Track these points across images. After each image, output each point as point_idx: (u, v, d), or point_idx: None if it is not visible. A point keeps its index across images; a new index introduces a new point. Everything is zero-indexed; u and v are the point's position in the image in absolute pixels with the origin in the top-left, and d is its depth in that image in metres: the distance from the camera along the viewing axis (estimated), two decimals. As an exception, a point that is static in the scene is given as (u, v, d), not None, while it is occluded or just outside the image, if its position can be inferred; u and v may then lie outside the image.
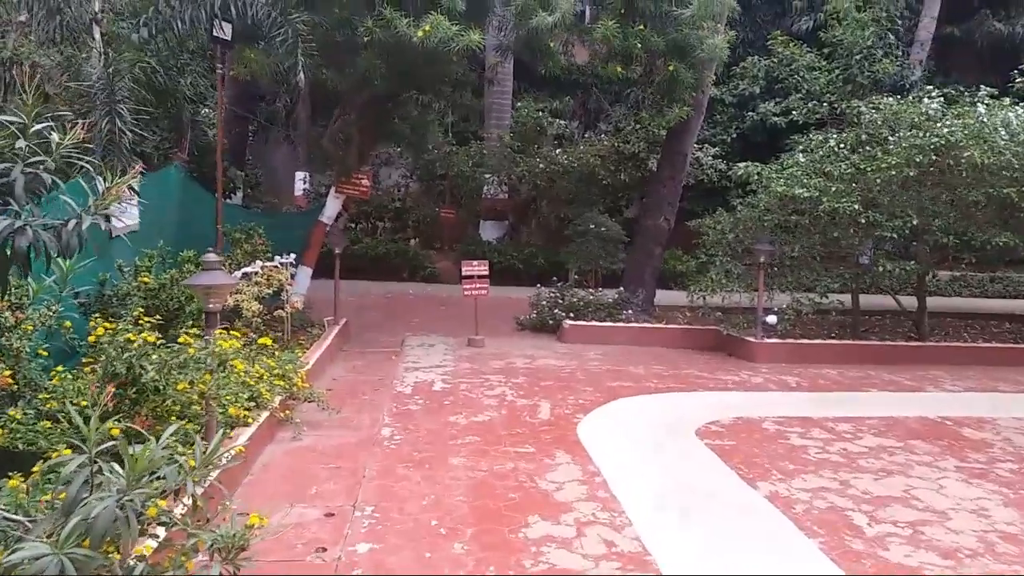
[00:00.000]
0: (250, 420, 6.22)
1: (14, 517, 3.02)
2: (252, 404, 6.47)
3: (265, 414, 6.58)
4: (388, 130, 12.10)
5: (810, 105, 14.03)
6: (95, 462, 2.87)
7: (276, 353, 8.51)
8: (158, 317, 6.25)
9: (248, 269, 8.63)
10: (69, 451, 3.51)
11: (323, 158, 13.74)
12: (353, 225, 18.77)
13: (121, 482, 2.83)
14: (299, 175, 19.20)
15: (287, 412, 6.92)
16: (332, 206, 12.71)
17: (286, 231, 13.11)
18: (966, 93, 11.01)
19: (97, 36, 7.81)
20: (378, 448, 6.67)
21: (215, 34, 9.83)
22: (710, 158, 17.19)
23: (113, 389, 3.83)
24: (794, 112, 14.19)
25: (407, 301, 15.17)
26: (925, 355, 11.59)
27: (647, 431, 7.40)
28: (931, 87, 12.13)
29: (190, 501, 3.38)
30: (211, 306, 5.18)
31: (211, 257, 5.22)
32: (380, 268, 17.10)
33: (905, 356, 11.48)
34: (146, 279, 6.64)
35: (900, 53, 16.02)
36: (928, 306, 12.61)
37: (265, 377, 6.88)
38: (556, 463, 6.41)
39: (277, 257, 9.69)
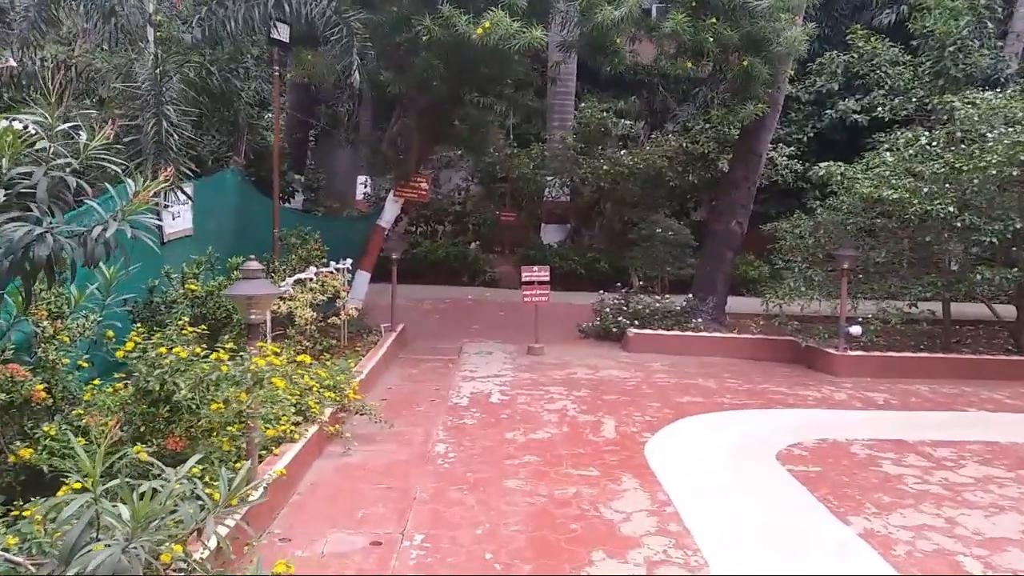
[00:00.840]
0: (297, 436, 5.89)
1: (15, 559, 2.69)
2: (300, 418, 6.16)
3: (314, 428, 6.25)
4: (447, 132, 11.77)
5: (896, 101, 13.05)
6: (99, 500, 2.53)
7: (328, 363, 8.23)
8: (204, 327, 5.99)
9: (302, 275, 8.36)
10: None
11: (383, 162, 13.51)
12: (413, 229, 18.55)
13: (127, 528, 2.48)
14: (360, 179, 19.12)
15: (337, 427, 6.58)
16: (391, 210, 12.46)
17: (346, 235, 12.92)
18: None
19: (151, 37, 7.66)
20: (430, 466, 6.27)
21: (272, 35, 9.65)
22: (785, 158, 16.32)
23: (117, 423, 3.48)
24: (879, 108, 13.23)
25: (466, 306, 14.82)
26: (1018, 368, 10.59)
27: (722, 454, 6.80)
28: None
29: (213, 543, 3.02)
30: (253, 317, 4.86)
31: (253, 264, 4.90)
32: (439, 272, 16.81)
33: (1003, 371, 10.51)
34: (193, 286, 6.40)
35: (993, 45, 14.85)
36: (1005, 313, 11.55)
37: (315, 389, 6.56)
38: (622, 489, 5.88)
39: (332, 263, 9.42)
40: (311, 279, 8.45)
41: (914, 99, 12.44)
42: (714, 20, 10.76)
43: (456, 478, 6.03)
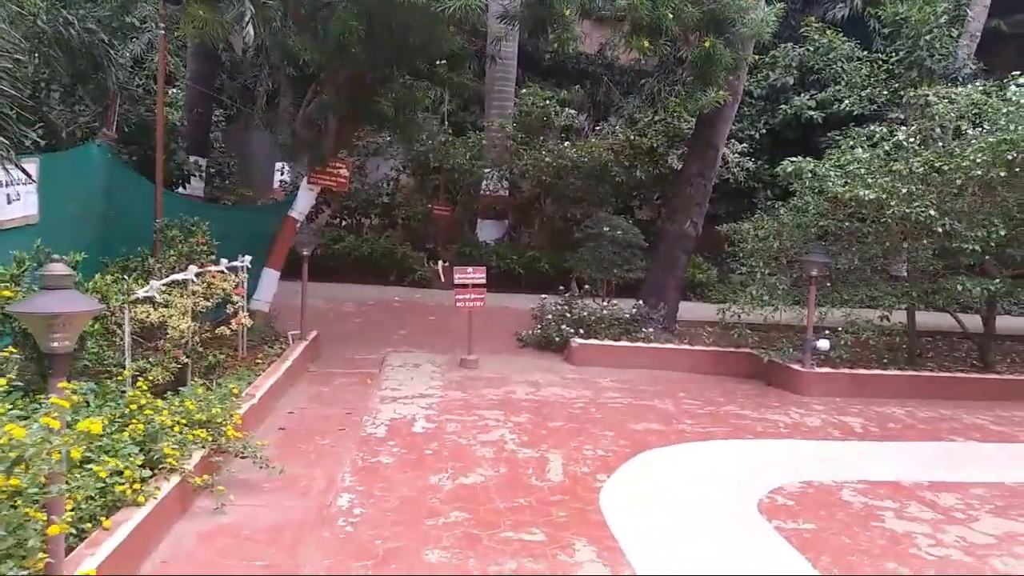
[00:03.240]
0: (142, 499, 4.36)
1: None
2: (150, 471, 4.63)
3: (172, 483, 4.72)
4: (370, 111, 10.21)
5: (862, 94, 12.15)
6: None
7: (212, 385, 6.67)
8: (26, 354, 4.41)
9: (179, 276, 6.75)
10: None
11: (299, 145, 11.86)
12: (336, 221, 16.88)
13: None
14: (278, 165, 17.32)
15: (206, 476, 5.05)
16: (304, 199, 10.85)
17: (256, 227, 11.22)
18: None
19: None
20: (328, 531, 4.83)
21: (156, -16, 7.99)
22: (736, 155, 15.35)
23: None
24: (846, 101, 12.29)
25: (392, 309, 13.30)
26: (998, 389, 9.77)
27: (694, 505, 5.56)
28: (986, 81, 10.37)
29: None
30: (56, 344, 3.33)
31: (57, 268, 3.38)
32: (364, 270, 15.20)
33: (976, 390, 9.65)
34: (7, 293, 4.78)
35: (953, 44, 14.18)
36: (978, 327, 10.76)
37: (176, 428, 5.01)
38: (575, 560, 4.57)
39: (225, 260, 7.82)
40: (192, 280, 6.84)
41: (886, 92, 11.49)
42: (674, -7, 9.57)
43: (361, 548, 4.61)
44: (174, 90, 15.54)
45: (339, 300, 13.38)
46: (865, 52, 15.16)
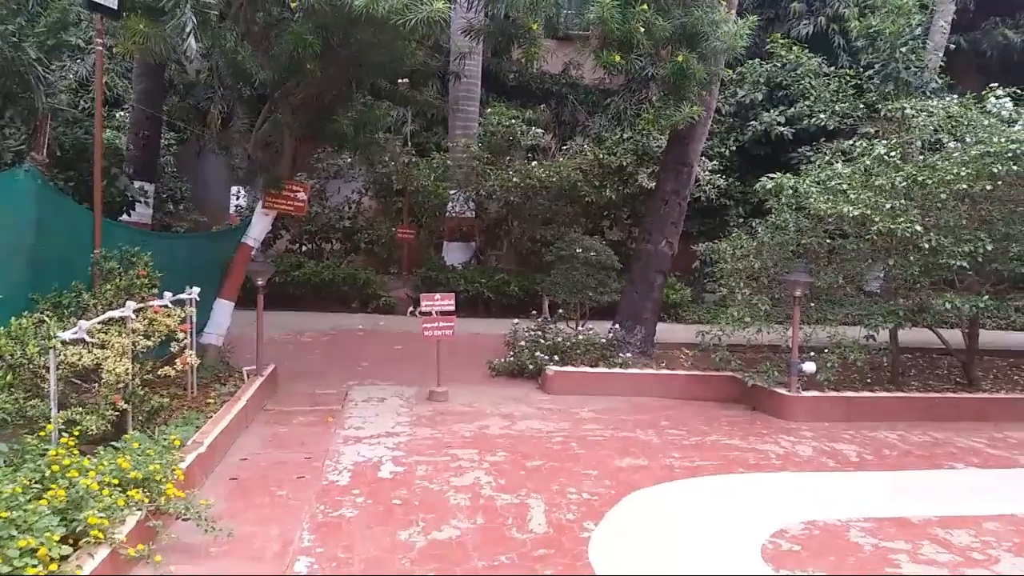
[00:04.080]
0: (58, 581, 3.70)
1: None
2: (71, 547, 3.96)
3: (100, 556, 4.06)
4: (328, 131, 9.63)
5: (838, 108, 11.91)
6: None
7: (153, 432, 6.00)
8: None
9: (116, 313, 6.07)
10: None
11: (253, 167, 11.24)
12: (296, 247, 16.19)
13: None
14: (233, 189, 16.63)
15: (142, 546, 4.38)
16: (259, 225, 10.20)
17: (210, 256, 10.52)
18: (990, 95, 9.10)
19: None
20: (284, 605, 4.20)
21: (89, -4, 7.34)
22: (707, 173, 15.07)
23: None
24: (820, 116, 12.05)
25: (355, 338, 12.64)
26: (987, 408, 9.47)
27: (692, 555, 5.03)
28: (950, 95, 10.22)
29: None
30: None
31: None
32: (326, 297, 14.55)
33: (965, 411, 9.34)
34: None
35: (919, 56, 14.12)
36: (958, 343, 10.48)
37: (106, 492, 4.35)
38: (568, 632, 4.00)
39: (168, 294, 7.14)
40: (131, 317, 6.17)
41: (862, 105, 11.25)
42: (645, 7, 9.21)
43: (320, 628, 3.99)
44: (121, 113, 14.79)
45: (299, 330, 12.71)
46: (832, 68, 15.07)
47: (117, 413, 6.01)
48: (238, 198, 15.83)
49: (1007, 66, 18.22)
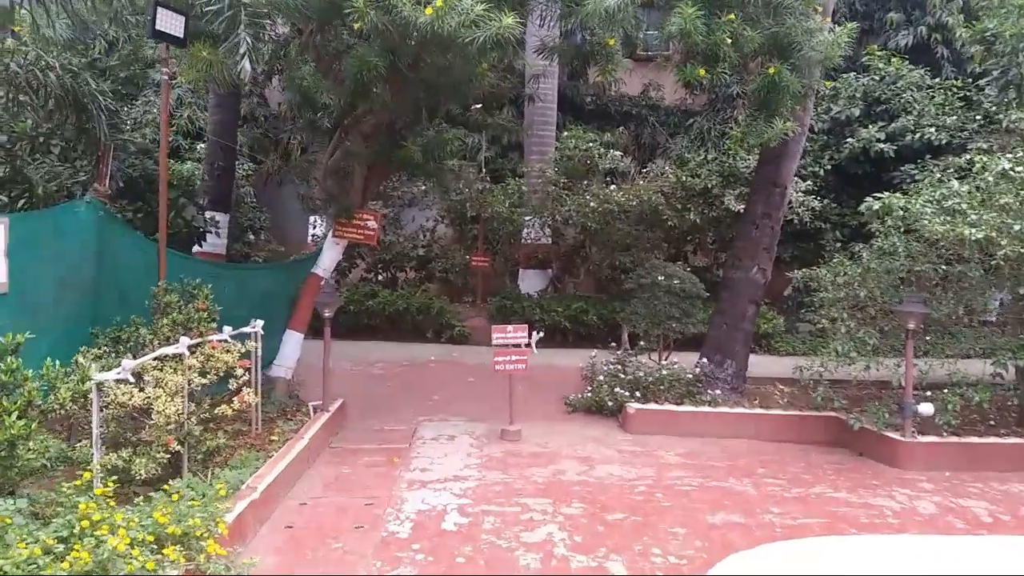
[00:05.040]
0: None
1: None
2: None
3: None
4: (398, 158, 9.30)
5: (949, 121, 10.85)
6: None
7: (203, 476, 5.66)
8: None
9: (169, 350, 5.78)
10: None
11: (325, 196, 11.05)
12: (370, 276, 16.01)
13: None
14: (311, 219, 16.64)
15: (173, 615, 3.97)
16: (329, 254, 9.94)
17: (281, 286, 10.36)
18: None
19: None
20: None
21: (158, 27, 7.24)
22: (800, 194, 14.09)
23: None
24: (929, 131, 11.02)
25: (427, 370, 12.23)
26: None
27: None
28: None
29: None
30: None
31: None
32: (399, 327, 14.24)
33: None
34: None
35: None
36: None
37: (136, 552, 3.95)
38: None
39: (228, 328, 6.86)
40: (184, 354, 5.87)
41: (978, 117, 10.19)
42: (732, 17, 8.53)
43: None
44: (203, 145, 15.00)
45: (370, 360, 12.39)
46: (936, 79, 13.96)
47: (168, 456, 5.72)
48: (315, 227, 15.80)
49: None
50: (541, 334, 13.27)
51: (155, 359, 5.90)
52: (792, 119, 9.55)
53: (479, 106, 11.38)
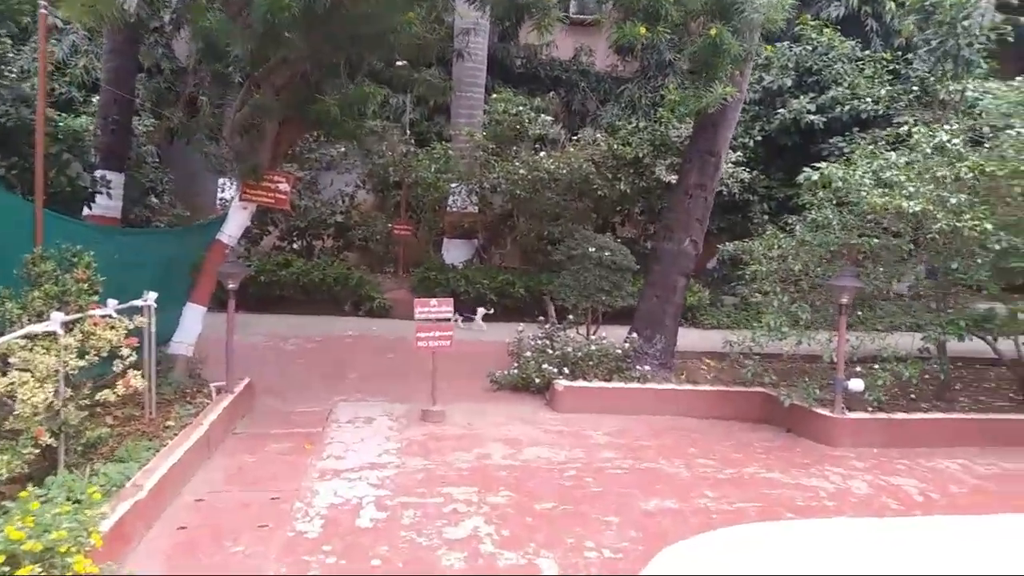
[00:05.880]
0: None
1: None
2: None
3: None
4: (314, 114, 8.51)
5: (884, 92, 10.75)
6: None
7: (36, 505, 4.92)
8: None
9: (37, 328, 4.98)
10: None
11: (231, 156, 10.15)
12: (284, 244, 15.09)
13: None
14: (221, 181, 15.56)
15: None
16: (236, 220, 9.10)
17: (187, 254, 9.45)
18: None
19: None
20: None
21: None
22: (730, 165, 13.91)
23: None
24: (868, 100, 10.87)
25: (345, 346, 11.55)
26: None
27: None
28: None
29: None
30: None
31: None
32: (315, 299, 13.45)
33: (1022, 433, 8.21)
34: None
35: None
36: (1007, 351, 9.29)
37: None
38: None
39: (112, 301, 6.06)
40: (58, 332, 5.08)
41: (915, 88, 10.09)
42: (672, -26, 8.08)
43: None
44: (99, 97, 13.70)
45: (283, 335, 11.62)
46: (866, 52, 13.95)
47: (40, 449, 4.97)
48: (224, 190, 14.75)
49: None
50: (491, 310, 12.94)
51: (23, 337, 5.09)
52: (731, 84, 9.23)
53: (405, 63, 10.57)
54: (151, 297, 6.87)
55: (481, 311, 12.91)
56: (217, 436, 6.98)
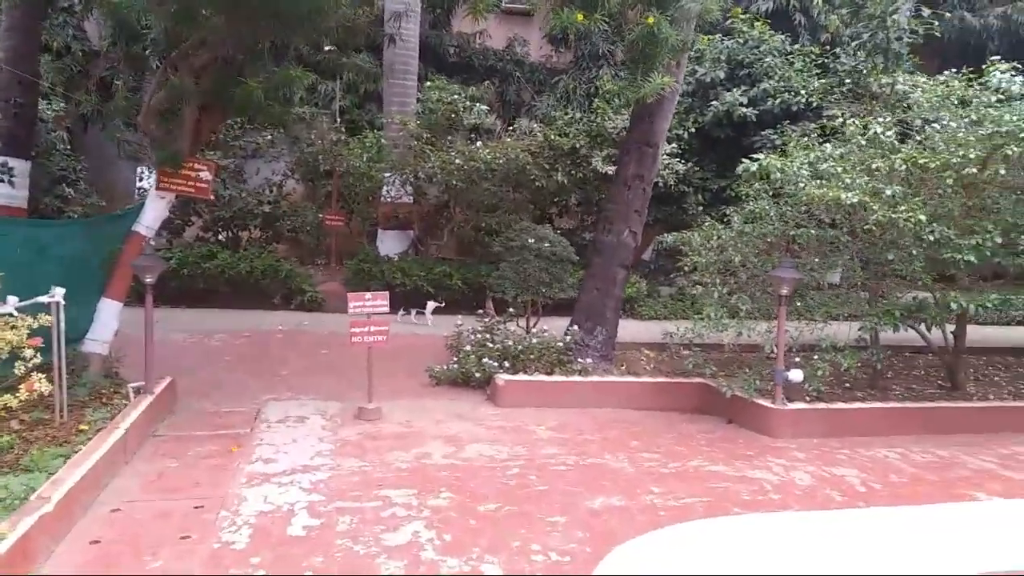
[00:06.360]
0: None
1: None
2: None
3: None
4: (236, 99, 8.01)
5: (816, 85, 10.88)
6: None
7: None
8: None
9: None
10: None
11: (148, 142, 9.51)
12: (208, 236, 14.40)
13: None
14: (139, 169, 14.75)
15: None
16: (153, 210, 8.54)
17: (100, 247, 8.78)
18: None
19: None
20: None
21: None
22: (665, 156, 13.91)
23: None
24: (801, 92, 11.01)
25: (274, 341, 11.05)
26: (983, 418, 8.52)
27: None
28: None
29: None
30: None
31: None
32: (242, 293, 12.86)
33: (963, 422, 8.39)
34: None
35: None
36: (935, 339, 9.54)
37: None
38: None
39: (12, 298, 5.53)
40: (-56, 332, 4.57)
41: (848, 81, 10.21)
42: (610, -40, 7.91)
43: None
44: None
45: (208, 331, 11.06)
46: (796, 46, 14.16)
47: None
48: (142, 179, 13.97)
49: (964, 49, 17.69)
50: (442, 303, 12.55)
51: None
52: (669, 75, 9.13)
53: (333, 48, 10.15)
54: (59, 293, 6.34)
55: (432, 305, 12.56)
56: (135, 440, 6.50)
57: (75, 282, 6.89)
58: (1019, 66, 8.23)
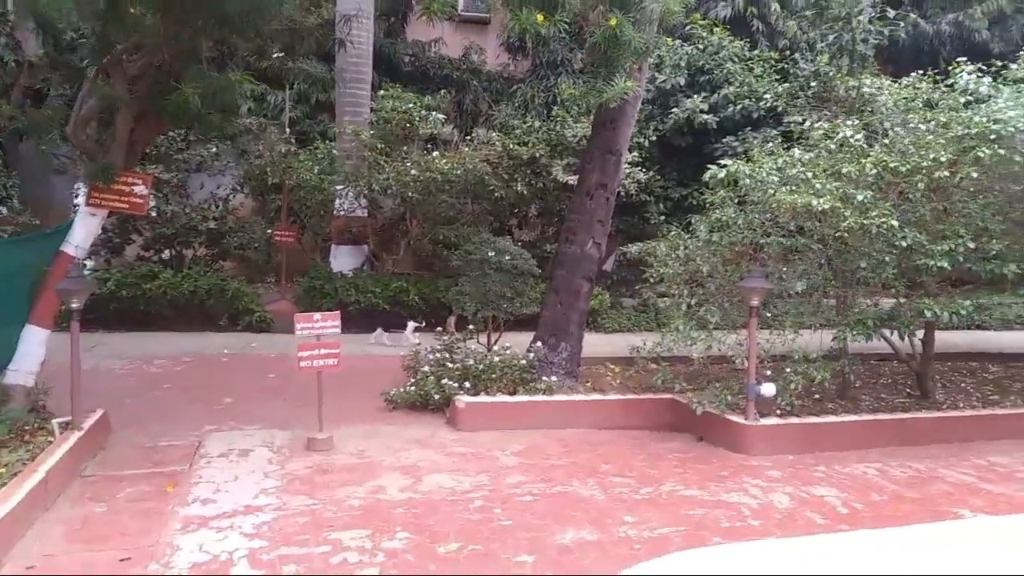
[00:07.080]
0: None
1: None
2: None
3: None
4: (172, 107, 7.43)
5: (780, 89, 10.70)
6: None
7: None
8: None
9: None
10: None
11: (80, 156, 8.88)
12: (148, 254, 13.67)
13: None
14: (77, 185, 13.93)
15: None
16: (83, 228, 7.90)
17: (23, 269, 8.09)
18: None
19: None
20: None
21: None
22: (627, 165, 13.65)
23: None
24: (767, 97, 10.82)
25: (219, 365, 10.40)
26: (955, 428, 8.32)
27: None
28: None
29: None
30: None
31: None
32: (186, 315, 12.16)
33: (938, 432, 8.13)
34: None
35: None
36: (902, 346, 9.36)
37: None
38: None
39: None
40: None
41: (813, 84, 10.02)
42: (569, -40, 7.56)
43: None
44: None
45: (148, 357, 10.39)
46: (755, 52, 14.03)
47: None
48: (78, 195, 13.18)
49: (917, 55, 17.84)
50: (423, 323, 11.95)
51: None
52: (632, 79, 8.82)
53: (280, 54, 9.63)
54: (-33, 321, 5.70)
55: (412, 324, 11.99)
56: (59, 482, 5.88)
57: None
58: (984, 68, 8.10)
